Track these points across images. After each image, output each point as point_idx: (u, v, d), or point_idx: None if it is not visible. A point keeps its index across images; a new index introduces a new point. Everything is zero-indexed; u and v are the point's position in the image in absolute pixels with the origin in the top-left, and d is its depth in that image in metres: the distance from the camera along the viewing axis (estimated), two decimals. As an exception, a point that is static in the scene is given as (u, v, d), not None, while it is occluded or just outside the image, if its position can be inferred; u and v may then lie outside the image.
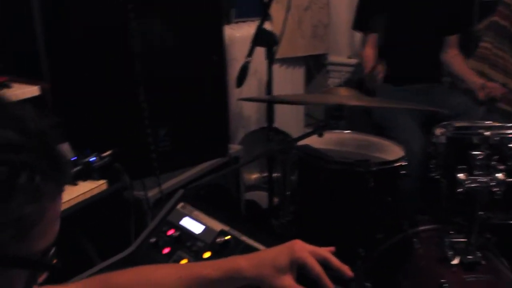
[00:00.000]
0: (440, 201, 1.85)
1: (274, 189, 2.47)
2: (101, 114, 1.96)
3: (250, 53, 2.19)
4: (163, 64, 2.09)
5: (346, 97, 1.75)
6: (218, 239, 1.21)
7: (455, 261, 1.71)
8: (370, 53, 2.83)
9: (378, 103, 2.15)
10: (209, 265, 1.03)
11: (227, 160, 2.41)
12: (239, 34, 3.17)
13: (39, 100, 1.82)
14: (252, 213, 2.77)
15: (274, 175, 2.46)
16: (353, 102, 1.69)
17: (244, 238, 1.20)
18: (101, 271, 1.21)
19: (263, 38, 2.19)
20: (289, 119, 3.61)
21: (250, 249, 1.15)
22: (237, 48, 3.05)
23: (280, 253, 1.00)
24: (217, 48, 2.32)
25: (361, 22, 3.02)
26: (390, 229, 2.07)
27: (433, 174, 1.88)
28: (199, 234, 1.26)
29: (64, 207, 1.63)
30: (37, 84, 1.85)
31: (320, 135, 1.79)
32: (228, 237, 1.21)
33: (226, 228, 1.24)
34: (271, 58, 2.26)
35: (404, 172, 2.12)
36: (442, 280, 1.63)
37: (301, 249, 1.00)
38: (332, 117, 1.72)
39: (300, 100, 2.22)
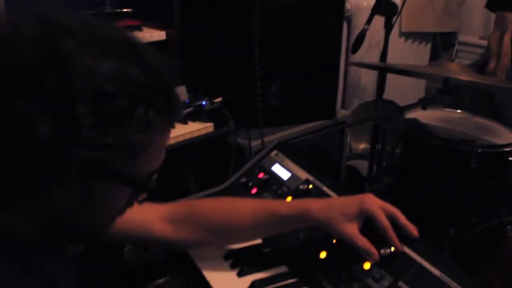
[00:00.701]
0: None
1: (375, 159, 2.48)
2: (217, 64, 2.09)
3: (369, 21, 2.18)
4: (281, 23, 2.17)
5: (455, 71, 1.72)
6: (301, 186, 1.29)
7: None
8: (497, 37, 2.67)
9: (489, 81, 2.06)
10: (283, 203, 1.12)
11: (333, 123, 2.45)
12: (366, 3, 3.16)
13: (164, 44, 2.00)
14: (350, 178, 2.81)
15: (378, 146, 2.46)
16: (461, 77, 1.66)
17: (325, 189, 1.27)
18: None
19: (383, 7, 2.17)
20: (407, 95, 3.54)
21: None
22: (362, 17, 3.04)
23: (350, 201, 1.06)
24: (336, 13, 2.35)
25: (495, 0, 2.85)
26: (485, 215, 2.02)
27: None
28: (285, 180, 1.35)
29: (173, 141, 1.81)
30: (164, 30, 2.02)
31: (424, 107, 1.79)
32: (311, 186, 1.28)
33: (310, 178, 1.32)
34: (389, 28, 2.24)
35: (512, 159, 2.04)
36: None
37: (372, 201, 1.05)
38: (438, 91, 1.70)
39: (408, 70, 2.17)
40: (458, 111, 2.39)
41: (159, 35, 1.99)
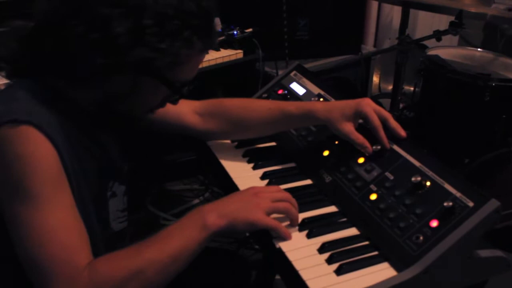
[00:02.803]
0: None
1: (398, 94, 2.60)
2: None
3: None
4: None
5: (468, 4, 1.82)
6: (313, 99, 1.46)
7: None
8: None
9: (501, 13, 2.12)
10: (293, 103, 1.31)
11: (359, 58, 2.58)
12: None
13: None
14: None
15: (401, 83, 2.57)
16: (472, 9, 1.76)
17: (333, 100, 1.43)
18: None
19: None
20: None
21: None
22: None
23: (349, 104, 1.23)
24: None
25: None
26: (497, 145, 2.13)
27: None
28: (301, 95, 1.52)
29: (208, 64, 2.00)
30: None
31: (439, 39, 1.90)
32: (321, 99, 1.45)
33: (322, 92, 1.48)
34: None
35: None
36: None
37: (367, 104, 1.21)
38: (451, 23, 1.81)
39: (425, 3, 2.22)
40: (479, 49, 2.48)
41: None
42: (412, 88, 2.51)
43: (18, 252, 0.88)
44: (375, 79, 3.27)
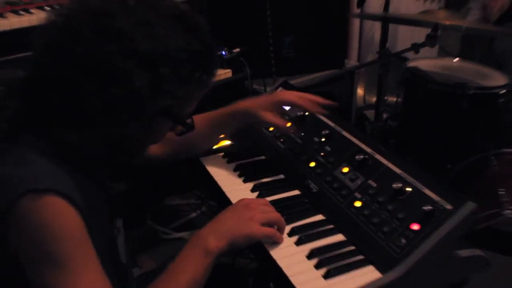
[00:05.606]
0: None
1: (381, 105, 2.63)
2: (235, 18, 2.29)
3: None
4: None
5: (443, 17, 1.86)
6: (299, 113, 1.48)
7: (521, 178, 1.81)
8: None
9: (474, 25, 2.16)
10: (221, 109, 1.39)
11: (343, 72, 2.62)
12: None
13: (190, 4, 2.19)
14: (361, 122, 2.96)
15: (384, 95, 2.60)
16: (448, 22, 1.80)
17: (319, 115, 1.46)
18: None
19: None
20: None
21: (322, 123, 1.42)
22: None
23: (266, 97, 1.39)
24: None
25: None
26: (476, 150, 2.16)
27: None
28: (287, 110, 1.54)
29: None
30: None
31: (417, 52, 1.93)
32: (307, 113, 1.48)
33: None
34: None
35: (502, 100, 2.16)
36: (500, 189, 1.75)
37: (283, 94, 1.40)
38: (427, 36, 1.84)
39: (402, 18, 2.27)
40: (456, 59, 2.52)
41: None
42: (395, 99, 2.54)
43: None
44: (360, 91, 3.31)
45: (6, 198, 0.82)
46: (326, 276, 1.00)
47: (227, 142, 1.52)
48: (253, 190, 1.29)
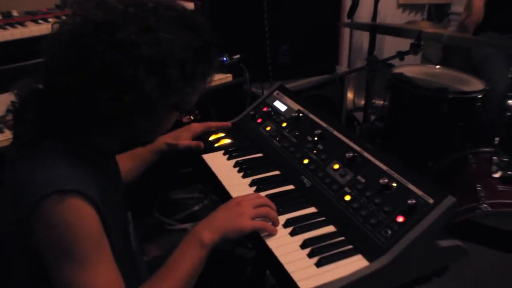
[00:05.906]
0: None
1: (369, 108, 2.63)
2: (236, 28, 2.28)
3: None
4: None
5: (425, 27, 1.86)
6: (294, 115, 1.48)
7: (497, 175, 1.80)
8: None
9: (454, 34, 2.17)
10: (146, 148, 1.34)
11: (334, 77, 2.61)
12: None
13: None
14: (350, 123, 2.97)
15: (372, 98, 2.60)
16: (430, 30, 1.80)
17: (312, 116, 1.45)
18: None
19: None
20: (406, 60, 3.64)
21: (315, 123, 1.41)
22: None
23: (178, 131, 1.41)
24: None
25: None
26: (456, 149, 2.16)
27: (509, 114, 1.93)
28: (283, 111, 1.54)
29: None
30: (193, 1, 2.21)
31: (402, 59, 1.93)
32: (301, 114, 1.47)
33: (301, 108, 1.50)
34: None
35: (480, 103, 2.17)
36: (477, 185, 1.75)
37: (191, 126, 1.42)
38: (411, 45, 1.84)
39: (389, 27, 2.28)
40: (438, 66, 2.52)
41: (188, 5, 2.17)
42: (382, 102, 2.54)
43: None
44: (350, 95, 3.31)
45: (32, 199, 0.84)
46: (318, 264, 0.99)
47: (227, 141, 1.51)
48: (251, 185, 1.29)
